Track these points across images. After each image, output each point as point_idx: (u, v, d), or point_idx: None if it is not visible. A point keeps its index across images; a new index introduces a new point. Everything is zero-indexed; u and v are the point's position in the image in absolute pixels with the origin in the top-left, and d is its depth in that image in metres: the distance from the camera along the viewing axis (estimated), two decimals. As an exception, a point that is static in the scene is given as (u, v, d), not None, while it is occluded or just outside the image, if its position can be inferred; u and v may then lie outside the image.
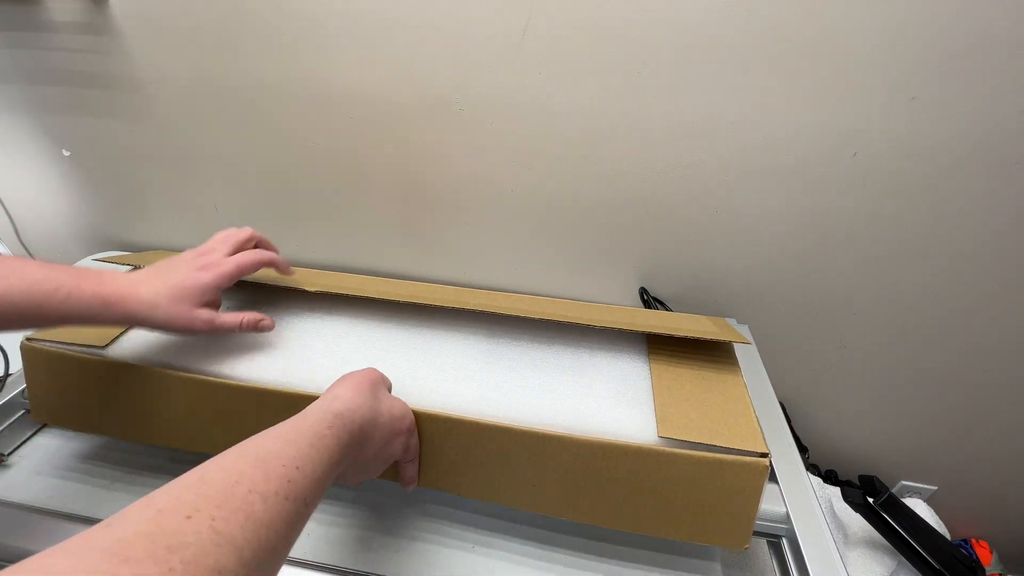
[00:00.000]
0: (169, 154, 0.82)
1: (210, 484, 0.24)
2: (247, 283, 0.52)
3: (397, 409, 0.40)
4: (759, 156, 0.64)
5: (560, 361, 0.50)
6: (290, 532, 0.25)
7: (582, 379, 0.47)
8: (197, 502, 0.22)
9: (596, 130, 0.66)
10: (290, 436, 0.30)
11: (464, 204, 0.77)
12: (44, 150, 0.86)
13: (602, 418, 0.42)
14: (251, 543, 0.22)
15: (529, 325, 0.53)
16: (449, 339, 0.52)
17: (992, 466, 0.85)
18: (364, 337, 0.52)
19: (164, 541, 0.20)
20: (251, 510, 0.23)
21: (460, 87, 0.67)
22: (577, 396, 0.45)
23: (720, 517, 0.39)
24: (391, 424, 0.39)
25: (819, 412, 0.86)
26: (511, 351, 0.51)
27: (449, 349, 0.51)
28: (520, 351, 0.51)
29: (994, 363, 0.74)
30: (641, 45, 0.60)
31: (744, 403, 0.43)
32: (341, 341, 0.51)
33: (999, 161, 0.59)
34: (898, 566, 0.61)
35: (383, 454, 0.39)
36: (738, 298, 0.77)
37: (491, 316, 0.53)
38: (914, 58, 0.55)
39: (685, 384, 0.45)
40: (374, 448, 0.37)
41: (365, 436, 0.36)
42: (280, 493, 0.25)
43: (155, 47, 0.72)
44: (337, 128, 0.74)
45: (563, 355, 0.50)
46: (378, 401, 0.38)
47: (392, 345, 0.51)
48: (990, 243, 0.65)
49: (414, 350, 0.51)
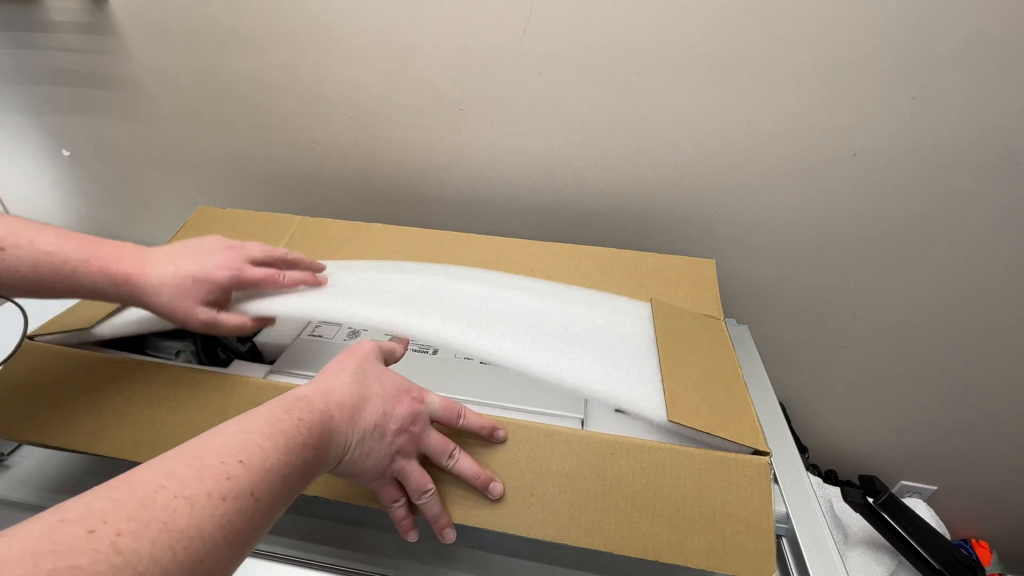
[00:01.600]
0: (169, 154, 0.82)
1: (133, 488, 0.21)
2: None
3: (390, 384, 0.35)
4: (759, 156, 0.64)
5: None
6: (233, 536, 0.22)
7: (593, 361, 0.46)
8: (107, 512, 0.20)
9: (596, 130, 0.66)
10: (236, 427, 0.27)
11: (464, 204, 0.77)
12: (44, 150, 0.86)
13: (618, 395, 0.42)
14: (161, 562, 0.19)
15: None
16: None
17: (992, 466, 0.85)
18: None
19: (50, 563, 0.17)
20: (170, 519, 0.20)
21: (460, 87, 0.67)
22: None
23: (735, 528, 0.36)
24: (383, 404, 0.34)
25: (819, 412, 0.86)
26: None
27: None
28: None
29: (994, 363, 0.74)
30: (641, 45, 0.60)
31: (745, 400, 0.43)
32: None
33: (999, 161, 0.59)
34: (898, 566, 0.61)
35: (379, 445, 0.33)
36: (738, 298, 0.77)
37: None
38: (914, 58, 0.55)
39: (692, 375, 0.45)
40: (362, 432, 0.32)
41: (347, 417, 0.31)
42: (215, 493, 0.22)
43: (155, 47, 0.72)
44: (337, 128, 0.74)
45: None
46: (363, 374, 0.34)
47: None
48: (990, 243, 0.65)
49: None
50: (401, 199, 0.78)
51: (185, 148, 0.81)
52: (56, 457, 0.52)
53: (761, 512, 0.36)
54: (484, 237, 0.61)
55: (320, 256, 0.58)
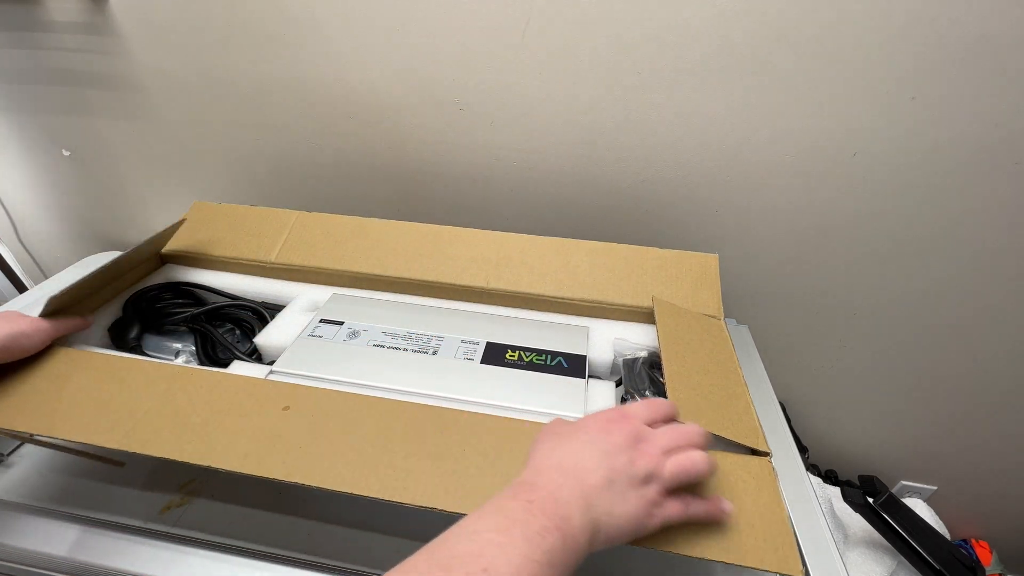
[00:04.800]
0: (169, 154, 0.82)
1: None
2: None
3: (592, 420, 0.32)
4: (759, 156, 0.64)
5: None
6: None
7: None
8: None
9: (596, 130, 0.66)
10: (475, 526, 0.24)
11: (463, 203, 0.77)
12: (44, 150, 0.86)
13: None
14: None
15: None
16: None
17: (992, 466, 0.85)
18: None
19: None
20: None
21: (460, 87, 0.67)
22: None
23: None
24: (595, 439, 0.31)
25: (819, 412, 0.86)
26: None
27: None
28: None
29: (994, 363, 0.74)
30: (641, 45, 0.60)
31: (745, 401, 0.43)
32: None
33: (999, 161, 0.59)
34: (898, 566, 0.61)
35: (620, 484, 0.29)
36: (738, 298, 0.77)
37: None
38: (914, 58, 0.55)
39: (693, 374, 0.44)
40: (594, 482, 0.29)
41: (570, 476, 0.28)
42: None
43: (155, 47, 0.72)
44: (337, 128, 0.74)
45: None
46: (560, 434, 0.32)
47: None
48: (990, 243, 0.65)
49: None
50: (400, 199, 0.78)
51: (185, 148, 0.81)
52: (56, 458, 0.52)
53: (774, 508, 0.35)
54: (481, 232, 0.60)
55: (319, 254, 0.59)
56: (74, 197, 0.91)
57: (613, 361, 0.51)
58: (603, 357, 0.51)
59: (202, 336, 0.53)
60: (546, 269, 0.57)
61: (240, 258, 0.59)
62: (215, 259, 0.60)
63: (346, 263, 0.58)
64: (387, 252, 0.59)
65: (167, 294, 0.57)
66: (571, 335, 0.52)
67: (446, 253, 0.59)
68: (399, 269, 0.57)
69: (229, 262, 0.60)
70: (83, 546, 0.41)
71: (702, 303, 0.54)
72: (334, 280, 0.58)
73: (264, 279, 0.59)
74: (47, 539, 0.42)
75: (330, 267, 0.58)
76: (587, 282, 0.56)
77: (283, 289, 0.58)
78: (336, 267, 0.57)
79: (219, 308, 0.56)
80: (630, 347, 0.51)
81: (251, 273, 0.60)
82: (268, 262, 0.59)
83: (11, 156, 0.87)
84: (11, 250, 0.96)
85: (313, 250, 0.59)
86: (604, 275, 0.56)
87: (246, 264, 0.59)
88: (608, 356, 0.51)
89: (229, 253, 0.60)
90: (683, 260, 0.57)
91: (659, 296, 0.54)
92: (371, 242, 0.60)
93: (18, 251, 0.98)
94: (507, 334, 0.52)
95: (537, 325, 0.54)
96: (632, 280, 0.56)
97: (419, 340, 0.50)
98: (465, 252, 0.58)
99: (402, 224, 0.61)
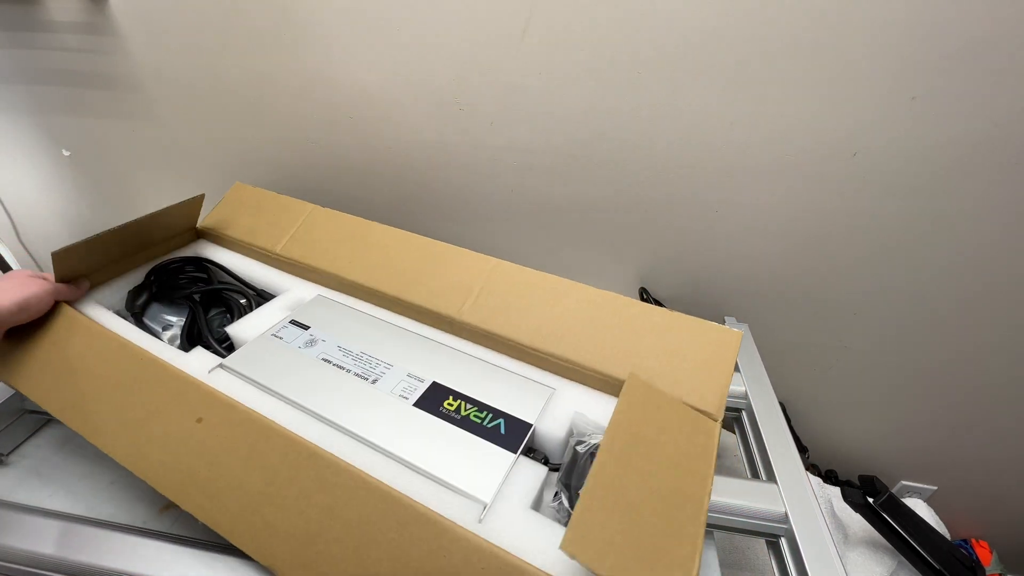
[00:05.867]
0: (169, 154, 0.82)
1: None
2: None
3: None
4: (759, 156, 0.64)
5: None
6: None
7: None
8: None
9: (596, 130, 0.66)
10: None
11: (463, 204, 0.77)
12: (44, 150, 0.86)
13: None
14: None
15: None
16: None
17: (992, 466, 0.85)
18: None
19: None
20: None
21: (460, 87, 0.67)
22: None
23: None
24: None
25: (819, 412, 0.86)
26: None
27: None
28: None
29: (994, 363, 0.74)
30: (641, 45, 0.60)
31: (692, 546, 0.31)
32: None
33: (999, 161, 0.59)
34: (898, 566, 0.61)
35: None
36: (738, 298, 0.77)
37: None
38: (914, 58, 0.55)
39: (632, 490, 0.33)
40: None
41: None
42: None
43: (155, 47, 0.72)
44: (337, 128, 0.74)
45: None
46: None
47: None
48: (990, 243, 0.65)
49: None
50: (400, 199, 0.78)
51: (184, 148, 0.81)
52: (56, 457, 0.52)
53: None
54: (474, 255, 0.56)
55: (317, 252, 0.59)
56: (74, 197, 0.91)
57: (567, 438, 0.43)
58: (556, 431, 0.42)
59: (193, 315, 0.55)
60: (529, 310, 0.50)
61: (253, 244, 0.61)
62: (236, 241, 0.62)
63: (337, 266, 0.57)
64: (377, 261, 0.57)
65: (190, 267, 0.60)
66: (529, 395, 0.44)
67: (430, 272, 0.55)
68: (379, 282, 0.55)
69: (245, 246, 0.62)
70: (82, 546, 0.41)
71: (702, 392, 0.42)
72: (324, 280, 0.58)
73: (269, 268, 0.61)
74: (46, 539, 0.42)
75: (322, 267, 0.58)
76: (570, 335, 0.47)
77: (281, 281, 0.59)
78: (328, 269, 0.57)
79: (219, 290, 0.58)
80: (590, 425, 0.42)
81: (260, 260, 0.62)
82: (274, 253, 0.60)
83: (11, 156, 0.87)
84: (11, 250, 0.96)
85: (313, 247, 0.60)
86: (593, 330, 0.47)
87: (257, 251, 0.61)
88: (562, 431, 0.42)
89: (247, 238, 0.62)
90: (696, 330, 0.45)
91: (648, 370, 0.43)
92: (366, 248, 0.59)
93: (18, 251, 0.98)
94: (458, 377, 0.46)
95: (497, 373, 0.47)
96: (625, 343, 0.46)
97: (367, 364, 0.47)
98: (449, 274, 0.54)
99: (401, 233, 0.60)
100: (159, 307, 0.57)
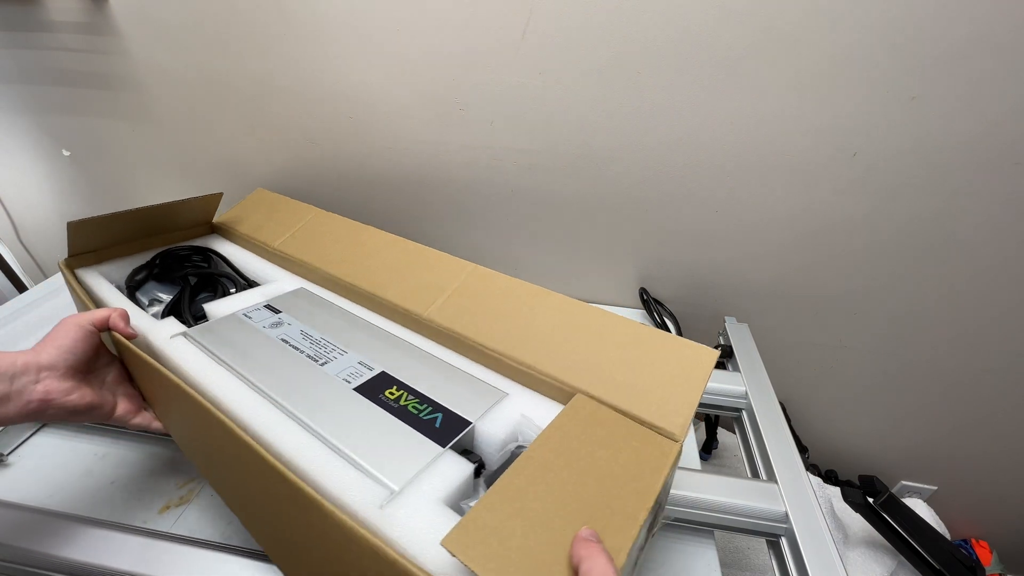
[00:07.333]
0: (169, 154, 0.82)
1: None
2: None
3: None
4: (759, 156, 0.64)
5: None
6: None
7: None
8: None
9: (596, 130, 0.66)
10: None
11: (464, 204, 0.77)
12: (44, 150, 0.86)
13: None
14: None
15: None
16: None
17: (992, 466, 0.85)
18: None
19: None
20: None
21: (460, 87, 0.67)
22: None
23: None
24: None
25: (819, 412, 0.86)
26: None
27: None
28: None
29: (994, 363, 0.74)
30: (641, 45, 0.60)
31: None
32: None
33: (999, 161, 0.59)
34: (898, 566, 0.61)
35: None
36: (738, 298, 0.77)
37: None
38: (914, 58, 0.55)
39: (556, 513, 0.30)
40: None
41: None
42: None
43: (155, 47, 0.72)
44: (337, 128, 0.74)
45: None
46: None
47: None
48: (990, 243, 0.65)
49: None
50: (400, 198, 0.78)
51: (184, 148, 0.81)
52: (56, 456, 0.52)
53: None
54: (454, 259, 0.55)
55: (309, 249, 0.61)
56: (74, 197, 0.91)
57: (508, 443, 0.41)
58: (497, 434, 0.40)
59: (181, 292, 0.58)
60: (498, 314, 0.49)
61: (255, 239, 0.65)
62: (242, 236, 0.67)
63: (323, 262, 0.59)
64: (361, 260, 0.58)
65: (197, 256, 0.64)
66: (478, 395, 0.43)
67: (408, 273, 0.55)
68: (358, 278, 0.56)
69: (249, 240, 0.66)
70: (83, 546, 0.41)
71: (665, 410, 0.39)
72: (309, 275, 0.60)
73: (265, 261, 0.64)
74: (47, 539, 0.42)
75: (309, 262, 0.59)
76: (534, 341, 0.46)
77: (272, 273, 0.62)
78: (314, 264, 0.59)
79: (212, 274, 0.61)
80: (535, 432, 0.39)
81: (258, 254, 0.65)
82: (272, 247, 0.63)
83: (11, 156, 0.87)
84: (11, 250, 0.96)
85: (307, 245, 0.62)
86: (560, 339, 0.45)
87: (258, 245, 0.65)
88: (504, 435, 0.40)
89: (253, 234, 0.66)
90: (670, 346, 0.43)
91: (611, 383, 0.41)
92: (355, 247, 0.60)
93: (18, 251, 0.98)
94: (410, 370, 0.45)
95: (452, 372, 0.46)
96: (591, 354, 0.44)
97: (323, 348, 0.47)
98: (426, 275, 0.54)
99: (390, 237, 0.61)
100: (157, 285, 0.60)
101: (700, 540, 0.47)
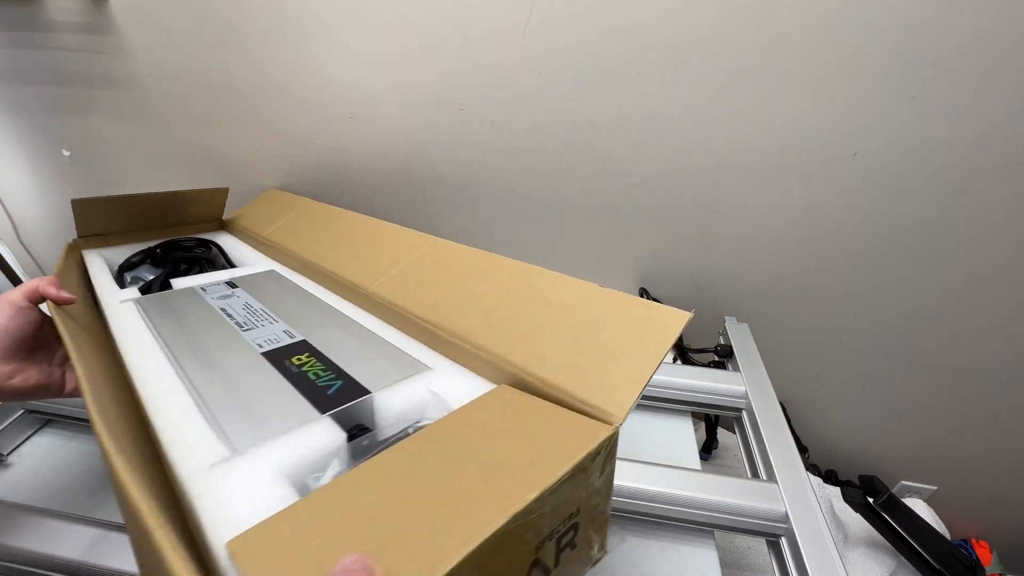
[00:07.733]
0: (169, 154, 0.82)
1: None
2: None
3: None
4: (759, 156, 0.64)
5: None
6: None
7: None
8: None
9: (596, 130, 0.66)
10: None
11: (464, 204, 0.77)
12: (44, 150, 0.86)
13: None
14: None
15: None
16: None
17: (992, 466, 0.85)
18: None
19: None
20: None
21: (460, 87, 0.67)
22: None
23: None
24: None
25: (819, 412, 0.86)
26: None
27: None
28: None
29: (994, 363, 0.74)
30: (641, 45, 0.60)
31: (437, 560, 0.21)
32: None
33: (999, 161, 0.59)
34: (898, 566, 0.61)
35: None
36: (738, 298, 0.77)
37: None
38: (914, 58, 0.55)
39: (395, 491, 0.25)
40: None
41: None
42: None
43: (155, 46, 0.72)
44: (337, 128, 0.74)
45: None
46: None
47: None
48: (990, 243, 0.65)
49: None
50: (400, 198, 0.78)
51: (185, 148, 0.81)
52: (56, 456, 0.52)
53: None
54: (413, 233, 0.54)
55: (290, 236, 0.63)
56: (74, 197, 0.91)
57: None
58: (397, 408, 0.35)
59: (161, 273, 0.59)
60: (444, 285, 0.45)
61: (248, 229, 0.68)
62: (242, 228, 0.70)
63: (297, 246, 0.60)
64: (331, 242, 0.58)
65: (200, 248, 0.66)
66: (395, 367, 0.39)
67: (367, 249, 0.54)
68: (321, 258, 0.56)
69: (247, 233, 0.68)
70: (83, 546, 0.41)
71: (608, 385, 0.32)
72: (285, 260, 0.61)
73: (254, 250, 0.66)
74: (47, 539, 0.42)
75: (288, 247, 0.60)
76: (477, 310, 0.41)
77: (255, 259, 0.63)
78: (290, 248, 0.60)
79: (199, 258, 0.64)
80: (442, 410, 0.35)
81: (252, 245, 0.67)
82: (262, 236, 0.65)
83: (11, 156, 0.87)
84: (11, 250, 0.96)
85: (291, 232, 0.64)
86: (507, 308, 0.40)
87: (251, 236, 0.67)
88: (403, 409, 0.36)
89: (248, 224, 0.69)
90: (633, 311, 0.37)
91: (553, 356, 0.35)
92: (330, 231, 0.61)
93: (18, 251, 0.98)
94: (332, 340, 0.43)
95: (378, 345, 0.42)
96: (540, 324, 0.38)
97: (255, 317, 0.47)
98: (383, 250, 0.53)
99: (365, 219, 0.60)
100: (150, 269, 0.62)
101: (700, 540, 0.48)
